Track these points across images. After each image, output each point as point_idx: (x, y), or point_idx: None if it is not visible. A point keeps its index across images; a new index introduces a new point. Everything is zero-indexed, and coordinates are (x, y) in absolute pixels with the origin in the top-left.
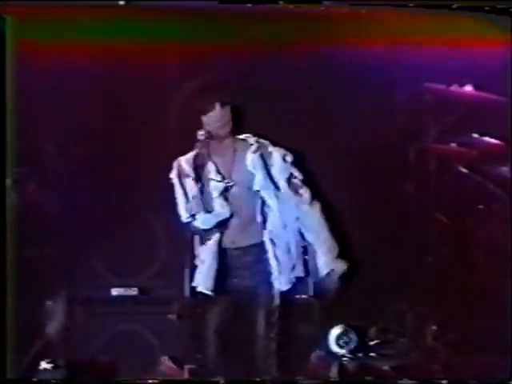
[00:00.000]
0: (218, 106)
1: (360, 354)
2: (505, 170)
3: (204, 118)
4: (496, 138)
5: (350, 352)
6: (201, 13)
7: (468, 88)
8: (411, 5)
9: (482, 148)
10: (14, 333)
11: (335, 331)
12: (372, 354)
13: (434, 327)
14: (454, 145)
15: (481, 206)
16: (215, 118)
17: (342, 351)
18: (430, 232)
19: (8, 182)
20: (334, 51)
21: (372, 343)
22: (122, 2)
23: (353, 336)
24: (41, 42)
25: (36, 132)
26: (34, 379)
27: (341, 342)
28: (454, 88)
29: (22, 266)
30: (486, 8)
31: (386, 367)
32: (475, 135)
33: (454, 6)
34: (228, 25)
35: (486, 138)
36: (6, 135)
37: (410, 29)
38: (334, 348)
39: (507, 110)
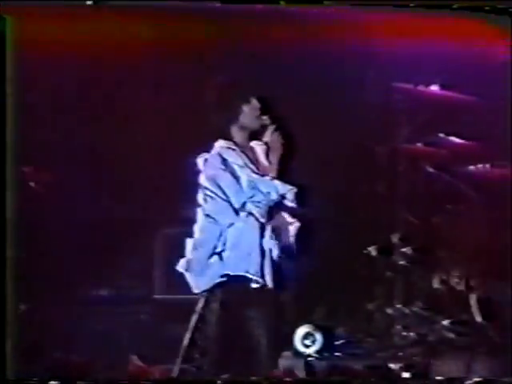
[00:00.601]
0: (253, 100)
1: (326, 354)
2: (475, 170)
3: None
4: (466, 139)
5: (316, 352)
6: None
7: (437, 87)
8: (412, 5)
9: (452, 148)
10: (14, 333)
11: (301, 331)
12: (338, 354)
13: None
14: (423, 145)
15: (450, 206)
16: (250, 111)
17: (308, 351)
18: (399, 232)
19: (8, 182)
20: (307, 50)
21: (339, 343)
22: (89, 2)
23: (319, 336)
24: (41, 42)
25: (37, 131)
26: (34, 379)
27: (307, 341)
28: (424, 88)
29: (18, 266)
30: (487, 8)
31: (356, 367)
32: (445, 135)
33: (455, 6)
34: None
35: (456, 139)
36: (6, 135)
37: (382, 28)
38: (300, 348)
39: (478, 110)
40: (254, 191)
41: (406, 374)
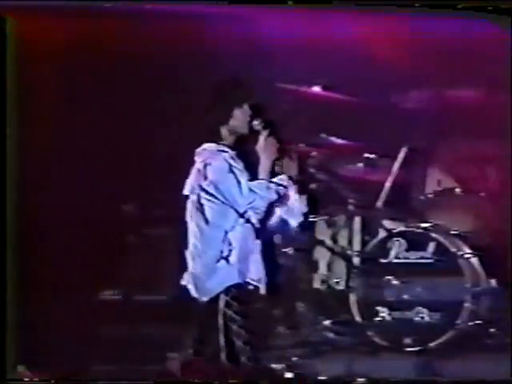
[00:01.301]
0: (245, 106)
1: None
2: (353, 169)
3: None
4: (346, 139)
5: None
6: None
7: (318, 88)
8: (417, 5)
9: (332, 148)
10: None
11: None
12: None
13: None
14: (304, 145)
15: (331, 207)
16: (242, 116)
17: None
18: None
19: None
20: (195, 51)
21: None
22: None
23: None
24: (41, 42)
25: (37, 131)
26: (35, 379)
27: None
28: (306, 88)
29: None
30: (489, 8)
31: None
32: (326, 135)
33: (459, 6)
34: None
35: (337, 139)
36: (6, 134)
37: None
38: None
39: (360, 111)
40: (255, 196)
41: (288, 374)
